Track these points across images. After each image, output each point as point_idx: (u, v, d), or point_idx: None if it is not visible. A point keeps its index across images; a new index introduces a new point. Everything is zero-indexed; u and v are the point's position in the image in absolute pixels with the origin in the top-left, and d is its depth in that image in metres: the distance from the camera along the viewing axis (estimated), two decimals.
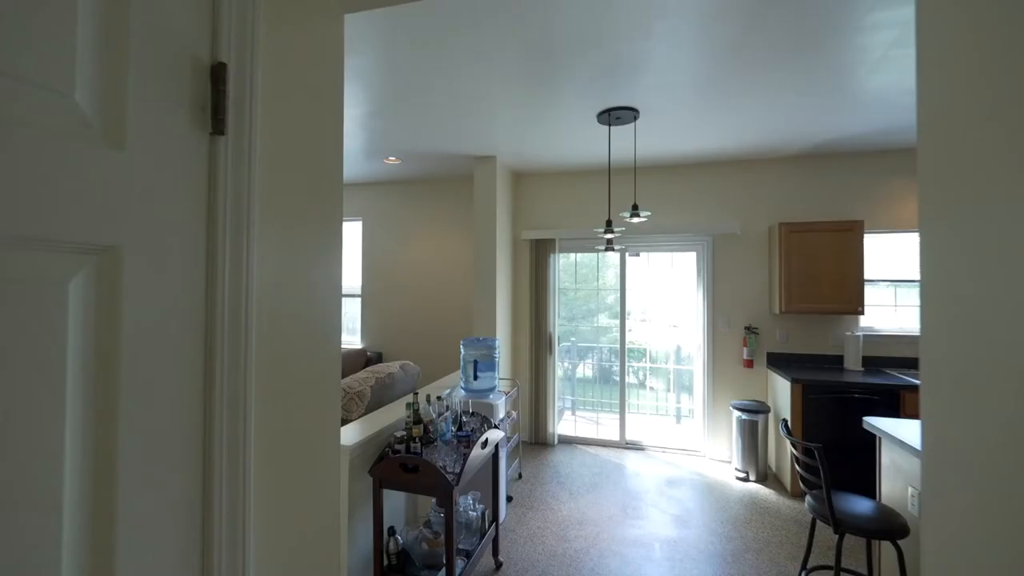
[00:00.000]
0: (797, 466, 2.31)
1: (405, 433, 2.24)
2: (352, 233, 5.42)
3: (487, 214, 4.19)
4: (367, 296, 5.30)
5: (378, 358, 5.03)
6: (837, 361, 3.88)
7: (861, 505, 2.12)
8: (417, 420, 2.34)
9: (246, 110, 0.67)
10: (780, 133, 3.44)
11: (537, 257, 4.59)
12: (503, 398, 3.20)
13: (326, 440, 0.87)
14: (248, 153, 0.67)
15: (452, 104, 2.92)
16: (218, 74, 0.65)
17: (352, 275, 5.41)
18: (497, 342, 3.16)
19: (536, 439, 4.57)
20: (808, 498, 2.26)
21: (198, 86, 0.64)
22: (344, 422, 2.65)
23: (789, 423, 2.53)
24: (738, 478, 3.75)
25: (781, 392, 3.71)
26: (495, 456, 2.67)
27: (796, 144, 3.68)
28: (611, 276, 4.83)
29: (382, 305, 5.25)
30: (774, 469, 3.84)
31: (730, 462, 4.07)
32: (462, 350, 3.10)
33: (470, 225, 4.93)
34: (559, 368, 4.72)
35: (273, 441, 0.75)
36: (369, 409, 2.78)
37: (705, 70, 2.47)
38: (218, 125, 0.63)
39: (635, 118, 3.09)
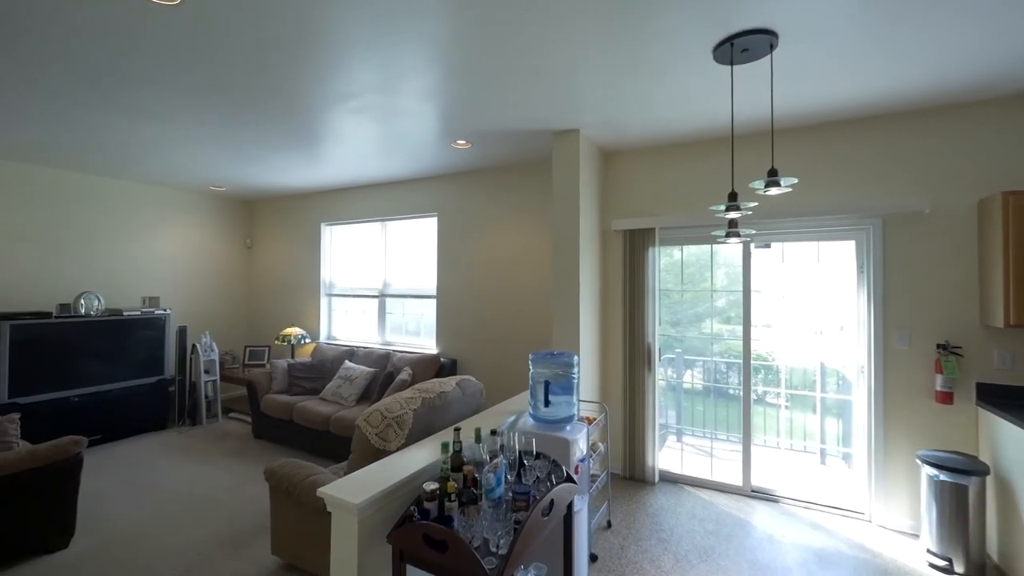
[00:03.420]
0: None
1: (439, 486, 1.64)
2: (428, 230, 5.06)
3: (569, 200, 3.48)
4: (442, 298, 4.88)
5: (452, 366, 4.57)
6: None
7: None
8: (457, 466, 1.73)
9: None
10: (1002, 57, 2.25)
11: (632, 252, 3.77)
12: (584, 430, 2.47)
13: None
14: None
15: (523, 52, 2.28)
16: None
17: (428, 275, 5.05)
18: (576, 358, 2.45)
19: (631, 474, 3.73)
20: None
21: None
22: (381, 454, 2.14)
23: None
24: (933, 565, 2.57)
25: (1006, 444, 2.47)
26: (568, 516, 1.97)
27: None
28: (721, 276, 3.82)
29: (458, 308, 4.79)
30: (996, 558, 2.59)
31: (917, 537, 2.86)
32: (531, 368, 2.44)
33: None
34: (661, 383, 3.83)
35: None
36: (411, 439, 2.24)
37: None
38: None
39: (771, 47, 2.17)
